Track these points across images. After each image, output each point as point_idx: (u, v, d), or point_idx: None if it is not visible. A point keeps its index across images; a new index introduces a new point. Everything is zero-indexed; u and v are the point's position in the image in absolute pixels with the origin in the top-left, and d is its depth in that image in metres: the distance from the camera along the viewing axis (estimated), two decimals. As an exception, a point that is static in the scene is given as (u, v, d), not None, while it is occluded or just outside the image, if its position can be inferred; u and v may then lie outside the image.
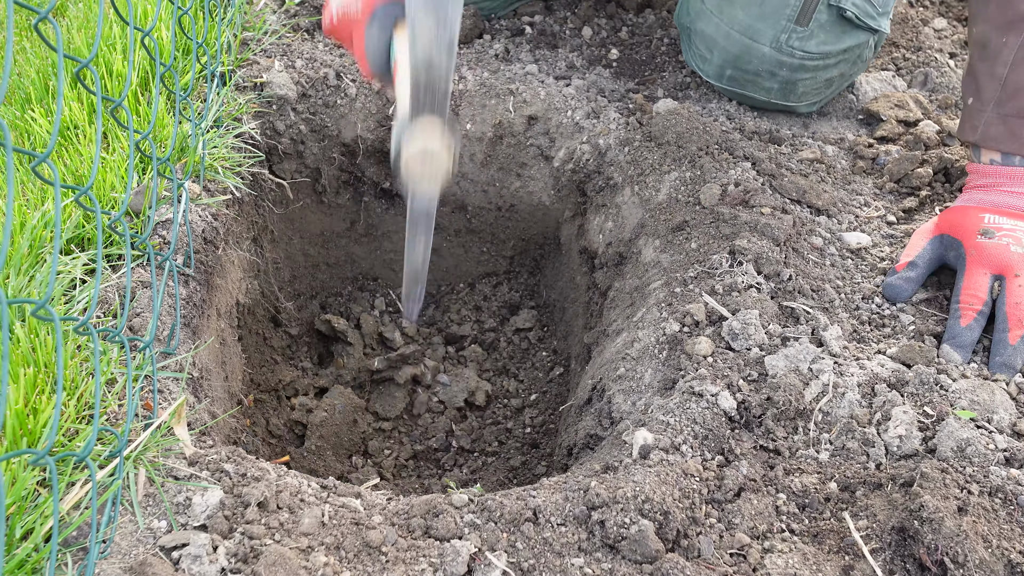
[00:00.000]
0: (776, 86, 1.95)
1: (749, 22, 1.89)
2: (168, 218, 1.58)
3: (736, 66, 1.95)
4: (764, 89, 1.97)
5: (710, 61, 2.01)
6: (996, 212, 1.58)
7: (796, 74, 1.91)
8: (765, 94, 1.98)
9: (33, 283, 1.39)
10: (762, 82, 1.95)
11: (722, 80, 2.02)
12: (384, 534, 1.16)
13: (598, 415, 1.55)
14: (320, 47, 2.21)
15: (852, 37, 1.90)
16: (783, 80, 1.93)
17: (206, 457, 1.24)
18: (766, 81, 1.94)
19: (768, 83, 1.94)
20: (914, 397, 1.37)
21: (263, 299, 2.07)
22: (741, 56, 1.92)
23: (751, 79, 1.96)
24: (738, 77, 1.98)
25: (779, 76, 1.92)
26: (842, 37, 1.89)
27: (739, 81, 1.98)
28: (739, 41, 1.91)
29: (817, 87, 1.97)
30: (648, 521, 1.16)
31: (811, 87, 1.96)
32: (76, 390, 1.26)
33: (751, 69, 1.94)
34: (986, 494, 1.21)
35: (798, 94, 1.96)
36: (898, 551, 1.17)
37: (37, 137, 1.70)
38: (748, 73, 1.95)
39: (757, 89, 1.97)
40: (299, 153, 2.12)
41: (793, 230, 1.68)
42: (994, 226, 1.56)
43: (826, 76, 1.94)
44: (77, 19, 2.12)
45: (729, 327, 1.47)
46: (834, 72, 1.95)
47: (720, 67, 1.99)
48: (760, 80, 1.95)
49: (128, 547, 1.11)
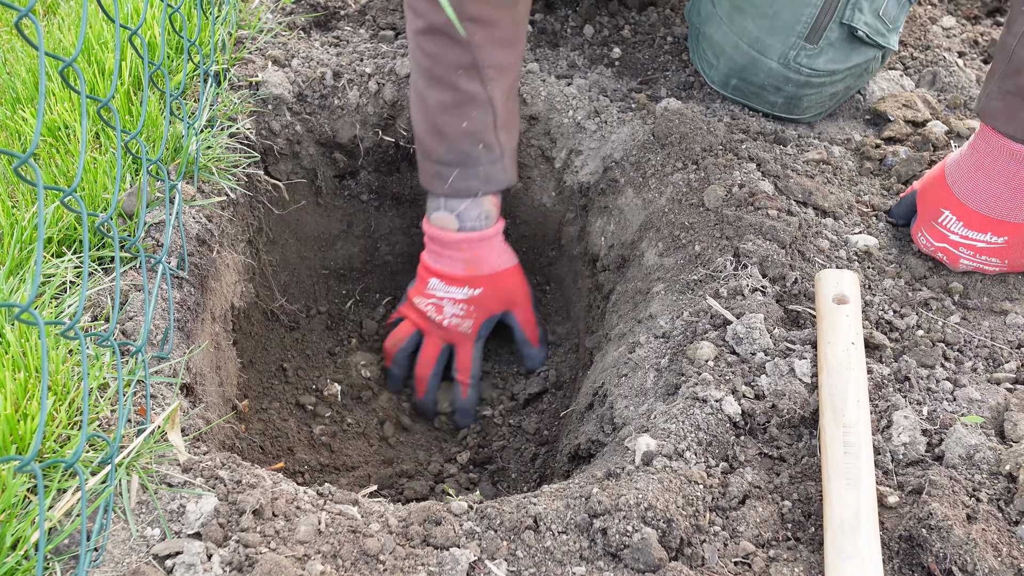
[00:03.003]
0: (780, 100, 1.94)
1: (758, 35, 1.87)
2: (161, 220, 1.56)
3: (742, 77, 1.94)
4: (768, 103, 1.96)
5: (716, 68, 2.00)
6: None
7: (801, 90, 1.90)
8: (769, 107, 1.97)
9: (24, 286, 1.37)
10: (767, 95, 1.94)
11: (727, 89, 2.00)
12: (382, 542, 1.15)
13: (600, 420, 1.53)
14: (317, 45, 2.19)
15: (860, 55, 1.88)
16: (788, 95, 1.91)
17: (200, 463, 1.23)
18: (771, 95, 1.93)
19: (772, 97, 1.93)
20: (917, 403, 1.36)
21: (258, 302, 2.05)
22: (747, 68, 1.91)
23: (756, 91, 1.95)
24: (743, 88, 1.97)
25: (784, 91, 1.91)
26: (850, 55, 1.87)
27: (744, 92, 1.97)
28: (746, 53, 1.89)
29: (821, 101, 1.96)
30: (651, 529, 1.14)
31: (815, 101, 1.95)
32: (67, 395, 1.25)
33: (756, 82, 1.92)
34: (995, 501, 1.19)
35: (802, 108, 1.96)
36: (906, 560, 1.15)
37: (28, 138, 1.68)
38: (753, 85, 1.94)
39: (761, 102, 1.97)
40: (295, 154, 2.10)
41: (799, 232, 1.66)
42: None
43: (831, 91, 1.94)
44: (68, 17, 2.10)
45: (733, 331, 1.45)
46: (839, 87, 1.94)
47: (726, 76, 1.98)
48: (765, 94, 1.94)
49: (121, 555, 1.10)
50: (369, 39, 2.24)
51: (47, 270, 1.42)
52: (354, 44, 2.21)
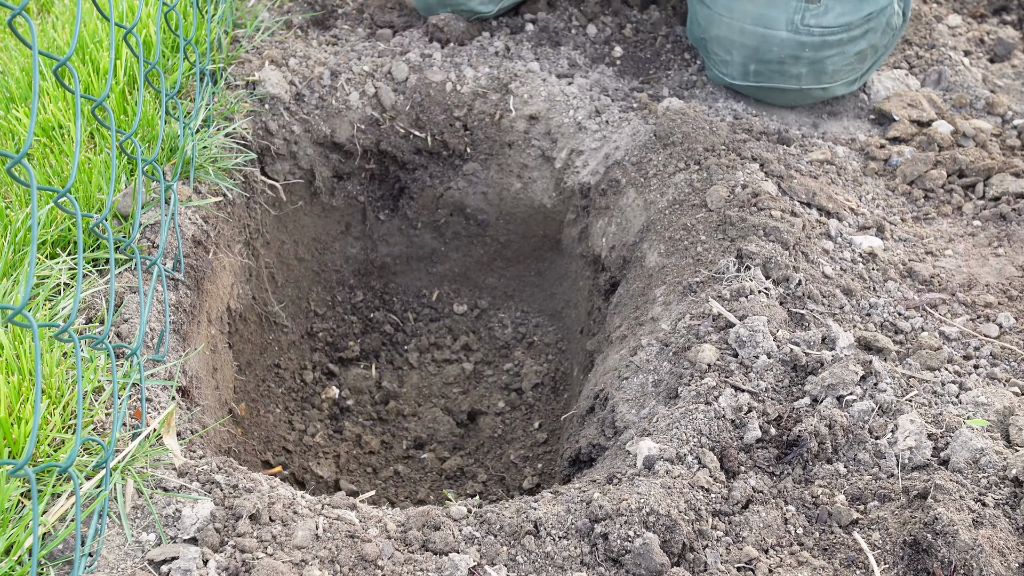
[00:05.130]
0: (804, 70, 1.92)
1: (760, 11, 1.87)
2: (157, 221, 1.55)
3: (758, 59, 1.93)
4: (793, 76, 1.93)
5: (731, 63, 1.98)
6: None
7: (820, 52, 1.88)
8: (795, 81, 1.94)
9: (17, 288, 1.36)
10: (788, 69, 1.92)
11: (748, 77, 1.98)
12: (380, 547, 1.14)
13: (601, 424, 1.52)
14: (314, 44, 2.18)
15: (872, 2, 1.86)
16: (809, 61, 1.90)
17: (196, 468, 1.22)
18: (792, 67, 1.91)
19: (795, 68, 1.91)
20: (922, 406, 1.35)
21: (255, 304, 2.04)
22: (760, 47, 1.90)
23: (776, 69, 1.93)
24: (763, 70, 1.95)
25: (804, 58, 1.89)
26: (861, 4, 1.85)
27: (765, 74, 1.95)
28: (754, 33, 1.89)
29: (848, 63, 1.93)
30: (653, 534, 1.13)
31: (841, 64, 1.92)
32: (61, 399, 1.23)
33: (773, 58, 1.91)
34: (1002, 506, 1.18)
35: (829, 73, 1.93)
36: (910, 565, 1.14)
37: (21, 137, 1.66)
38: (772, 63, 1.92)
39: (786, 78, 1.94)
40: (292, 154, 2.09)
41: (803, 233, 1.65)
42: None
43: (855, 50, 1.91)
44: (63, 15, 2.08)
45: (736, 334, 1.44)
46: (863, 44, 1.91)
47: (743, 64, 1.96)
48: (786, 67, 1.92)
49: (116, 561, 1.08)
50: (367, 37, 2.23)
51: (41, 272, 1.41)
52: (352, 43, 2.20)
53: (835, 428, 1.29)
